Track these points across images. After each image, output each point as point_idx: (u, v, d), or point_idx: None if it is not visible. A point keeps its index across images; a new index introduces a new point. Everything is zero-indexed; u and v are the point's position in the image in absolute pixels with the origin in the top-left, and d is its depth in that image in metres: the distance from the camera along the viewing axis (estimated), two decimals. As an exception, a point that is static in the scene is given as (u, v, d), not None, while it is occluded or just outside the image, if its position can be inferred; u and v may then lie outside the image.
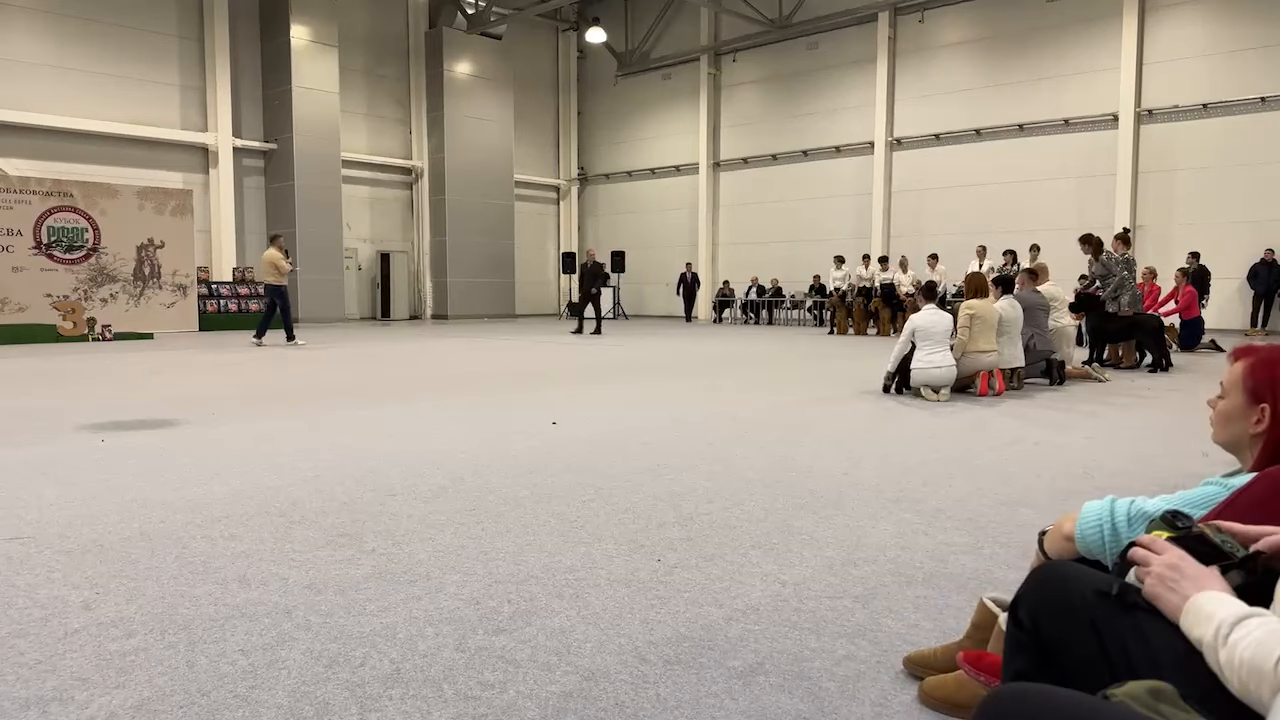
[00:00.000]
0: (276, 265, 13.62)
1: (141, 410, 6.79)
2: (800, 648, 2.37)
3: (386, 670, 2.22)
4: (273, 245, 13.98)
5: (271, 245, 14.02)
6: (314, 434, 5.72)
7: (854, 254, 20.16)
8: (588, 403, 7.30)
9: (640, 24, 27.12)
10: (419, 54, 25.16)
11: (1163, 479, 4.45)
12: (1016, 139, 20.24)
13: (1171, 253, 17.41)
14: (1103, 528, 1.60)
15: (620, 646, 2.38)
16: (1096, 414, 6.91)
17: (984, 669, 1.97)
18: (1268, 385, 1.66)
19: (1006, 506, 3.91)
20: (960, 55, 21.07)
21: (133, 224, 17.67)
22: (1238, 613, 1.13)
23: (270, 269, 13.66)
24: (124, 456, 4.97)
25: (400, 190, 25.61)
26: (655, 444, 5.38)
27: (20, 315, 16.06)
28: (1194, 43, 17.96)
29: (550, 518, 3.67)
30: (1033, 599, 1.45)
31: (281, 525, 3.54)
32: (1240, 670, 1.08)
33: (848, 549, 3.26)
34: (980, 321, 7.90)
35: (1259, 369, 1.68)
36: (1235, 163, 17.53)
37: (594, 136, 29.31)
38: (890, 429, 6.07)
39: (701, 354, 12.71)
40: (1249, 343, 1.77)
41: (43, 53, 18.98)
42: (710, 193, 26.11)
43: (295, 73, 21.56)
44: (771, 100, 24.72)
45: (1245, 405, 1.69)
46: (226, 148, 21.32)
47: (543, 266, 29.20)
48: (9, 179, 16.75)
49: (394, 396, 7.66)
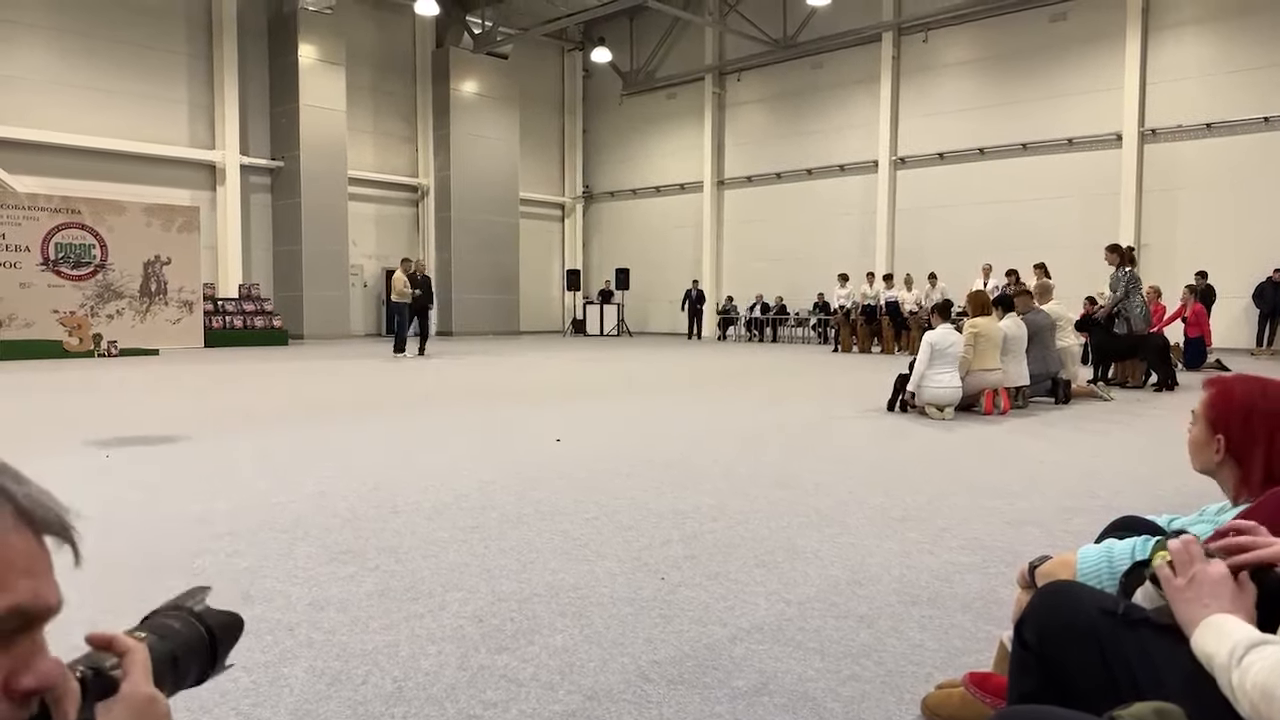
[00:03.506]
0: (397, 286, 15.65)
1: (146, 426, 6.80)
2: (805, 668, 2.36)
3: (389, 689, 2.21)
4: (401, 267, 15.90)
5: (401, 267, 15.92)
6: (318, 450, 5.72)
7: (858, 272, 20.18)
8: (591, 420, 7.30)
9: (645, 44, 27.30)
10: (426, 73, 25.34)
11: (1167, 499, 4.43)
12: (1020, 158, 20.29)
13: (1176, 271, 17.38)
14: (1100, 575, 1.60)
15: (623, 666, 2.37)
16: (1102, 433, 6.89)
17: (990, 690, 1.96)
18: (1222, 415, 1.71)
19: (1012, 526, 3.90)
20: (964, 75, 21.16)
21: (140, 240, 17.75)
22: (1255, 637, 1.13)
23: (396, 288, 15.66)
24: (128, 472, 4.98)
25: (406, 207, 25.72)
26: (659, 461, 5.37)
27: (27, 331, 16.10)
28: (1197, 63, 18.02)
29: (553, 535, 3.67)
30: (1039, 619, 1.44)
31: (285, 542, 3.54)
32: (1253, 693, 1.08)
33: (852, 568, 3.25)
34: (985, 340, 7.90)
35: (1217, 399, 1.74)
36: (1239, 182, 17.54)
37: (599, 154, 29.45)
38: (895, 447, 6.05)
39: (706, 371, 12.70)
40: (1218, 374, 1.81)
41: (51, 70, 19.14)
42: (714, 211, 26.18)
43: (303, 91, 21.71)
44: (776, 119, 24.83)
45: (1207, 435, 1.75)
46: (234, 165, 21.45)
47: (547, 284, 29.27)
48: (17, 195, 16.86)
49: (395, 412, 7.66)
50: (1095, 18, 19.10)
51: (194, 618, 0.87)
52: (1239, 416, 1.69)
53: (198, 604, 0.89)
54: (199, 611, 0.88)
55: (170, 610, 0.87)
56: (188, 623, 0.86)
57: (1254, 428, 1.67)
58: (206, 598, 0.91)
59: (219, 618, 0.89)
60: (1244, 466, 1.69)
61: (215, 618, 0.89)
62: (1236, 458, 1.70)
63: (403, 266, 15.90)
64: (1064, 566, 1.68)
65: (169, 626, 0.84)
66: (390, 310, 16.09)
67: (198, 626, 0.87)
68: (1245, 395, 1.70)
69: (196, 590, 0.92)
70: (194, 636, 0.86)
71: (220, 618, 0.89)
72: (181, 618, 0.86)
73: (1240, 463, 1.70)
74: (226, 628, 0.89)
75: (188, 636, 0.85)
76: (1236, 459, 1.70)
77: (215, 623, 0.88)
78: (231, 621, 0.91)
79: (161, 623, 0.85)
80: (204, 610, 0.89)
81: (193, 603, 0.89)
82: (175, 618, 0.86)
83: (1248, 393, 1.70)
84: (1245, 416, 1.68)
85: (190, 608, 0.88)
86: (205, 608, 0.89)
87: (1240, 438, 1.69)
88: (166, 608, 0.88)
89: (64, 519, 0.66)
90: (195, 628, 0.86)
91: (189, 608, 0.88)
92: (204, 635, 0.87)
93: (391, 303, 15.89)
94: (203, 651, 0.86)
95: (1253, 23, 17.31)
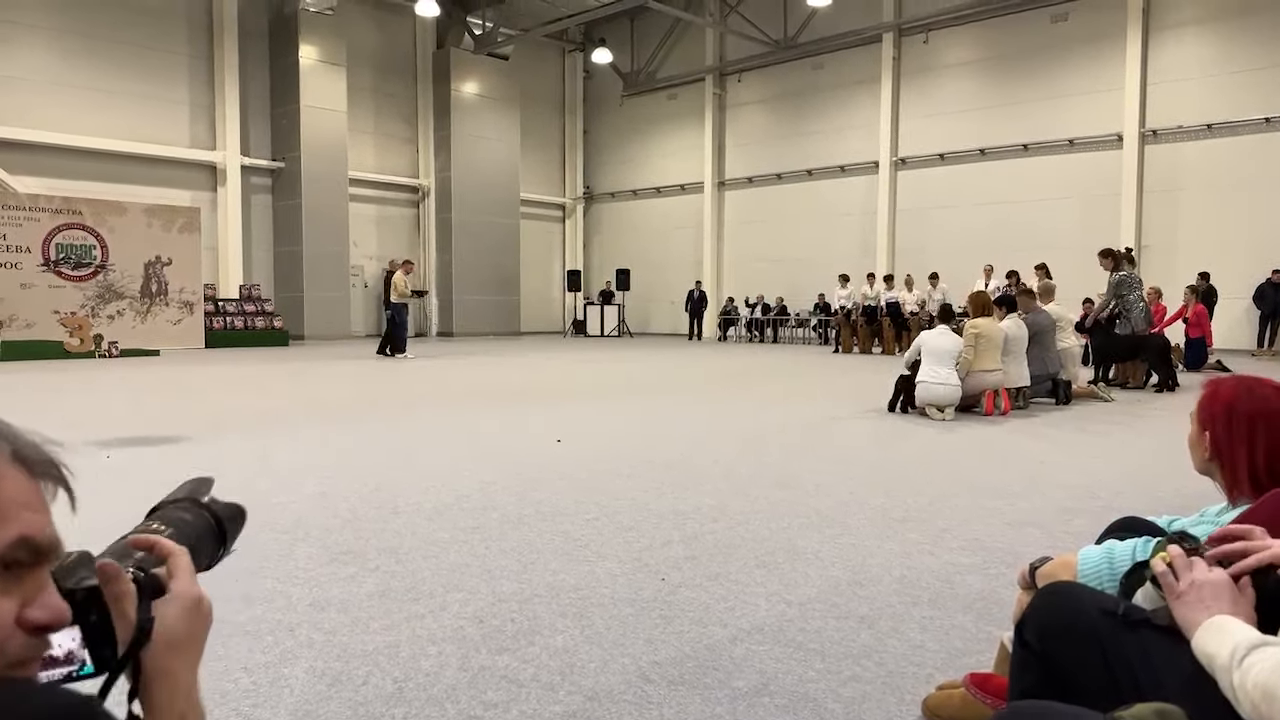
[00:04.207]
0: (399, 286, 15.62)
1: (147, 426, 6.80)
2: (805, 669, 2.36)
3: (389, 689, 2.21)
4: (402, 269, 15.88)
5: (401, 269, 15.88)
6: (319, 450, 5.73)
7: (859, 273, 20.17)
8: (592, 420, 7.30)
9: (646, 45, 27.31)
10: (427, 74, 25.35)
11: (1168, 500, 4.43)
12: (1021, 159, 20.29)
13: (1176, 272, 17.38)
14: (1100, 577, 1.60)
15: (624, 666, 2.37)
16: (1102, 434, 6.88)
17: (990, 691, 1.96)
18: (1209, 414, 1.74)
19: (1013, 527, 3.89)
20: (964, 75, 21.16)
21: (141, 241, 17.76)
22: (1257, 638, 1.13)
23: (398, 288, 15.60)
24: (130, 472, 4.98)
25: (407, 208, 25.73)
26: (660, 462, 5.37)
27: (27, 332, 16.11)
28: (1198, 63, 18.02)
29: (554, 536, 3.67)
30: (1040, 619, 1.44)
31: (286, 542, 3.54)
32: (1254, 693, 1.08)
33: (853, 569, 3.25)
34: (985, 340, 7.90)
35: (1205, 399, 1.77)
36: (1240, 183, 17.54)
37: (599, 155, 29.45)
38: (895, 448, 6.05)
39: (706, 372, 12.70)
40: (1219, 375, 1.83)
41: (52, 71, 19.15)
42: (715, 211, 26.18)
43: (304, 92, 21.72)
44: (776, 120, 24.83)
45: (1198, 433, 1.77)
46: (235, 166, 21.46)
47: (548, 284, 29.28)
48: (18, 196, 16.87)
49: (396, 413, 7.66)
50: (1096, 18, 19.10)
51: (203, 509, 0.93)
52: (1223, 415, 1.71)
53: (203, 496, 0.95)
54: (205, 503, 0.94)
55: (180, 502, 0.93)
56: (198, 514, 0.92)
57: (1236, 426, 1.69)
58: (210, 489, 0.97)
59: (225, 509, 0.95)
60: (1229, 465, 1.70)
61: (222, 509, 0.95)
62: (1221, 456, 1.72)
63: (404, 267, 15.96)
64: (1065, 567, 1.68)
65: (182, 519, 0.90)
66: (390, 311, 15.99)
67: (207, 517, 0.92)
68: (1230, 394, 1.72)
69: (200, 482, 0.98)
70: (204, 526, 0.91)
71: (226, 509, 0.95)
72: (192, 509, 0.92)
73: (1225, 462, 1.71)
74: (233, 518, 0.96)
75: (200, 527, 0.90)
76: (1221, 457, 1.72)
77: (223, 513, 0.95)
78: (236, 512, 0.97)
79: (175, 515, 0.90)
80: (210, 501, 0.95)
81: (199, 495, 0.95)
82: (186, 509, 0.92)
83: (1234, 392, 1.72)
84: (1228, 415, 1.70)
85: (197, 499, 0.94)
86: (211, 498, 0.95)
87: (1224, 436, 1.71)
88: (174, 500, 0.93)
89: (57, 462, 0.69)
90: (205, 518, 0.92)
91: (196, 499, 0.94)
92: (213, 524, 0.92)
93: (393, 303, 15.85)
94: (212, 540, 0.92)
95: (1253, 23, 17.31)
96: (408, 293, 15.80)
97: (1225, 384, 1.75)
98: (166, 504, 0.92)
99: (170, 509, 0.91)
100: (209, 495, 0.95)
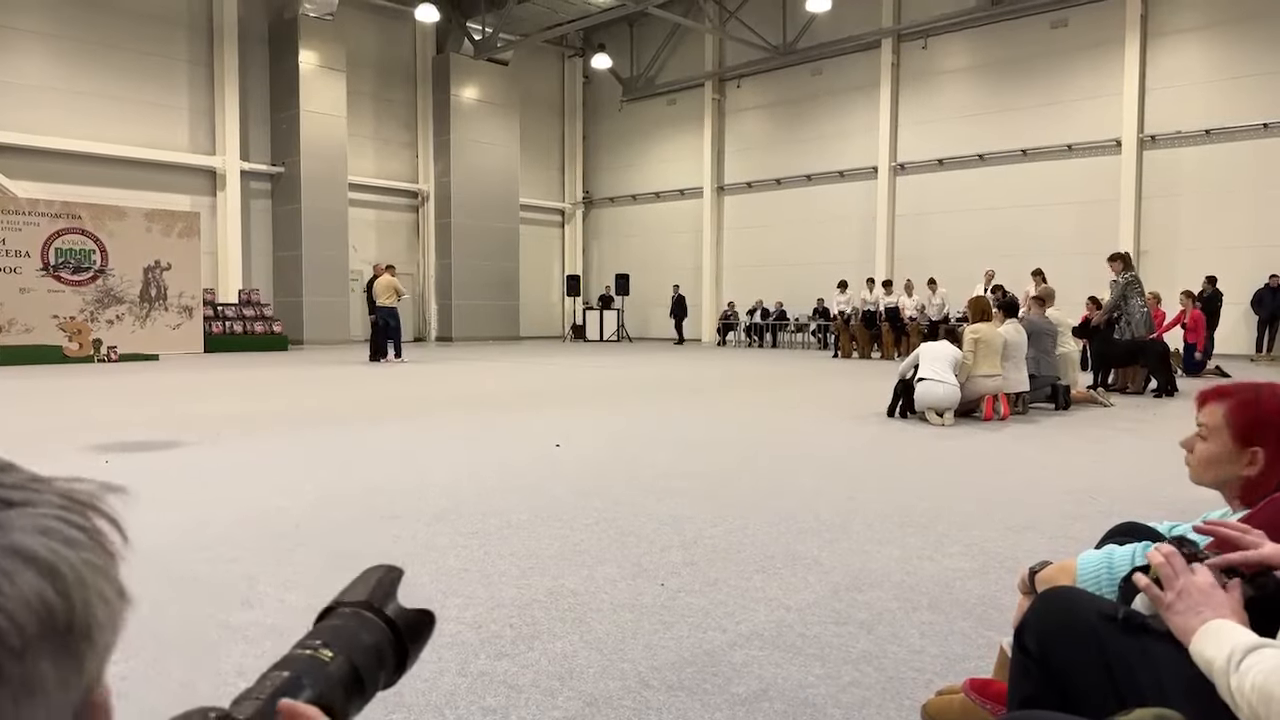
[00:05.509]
0: (395, 289, 15.55)
1: (146, 431, 6.79)
2: (805, 674, 2.35)
3: (388, 695, 2.20)
4: (388, 272, 15.81)
5: (387, 272, 15.81)
6: (318, 455, 5.72)
7: (857, 278, 20.18)
8: (591, 425, 7.29)
9: (645, 50, 27.36)
10: (426, 79, 25.38)
11: (1167, 504, 4.43)
12: (1020, 164, 20.32)
13: (1175, 277, 17.39)
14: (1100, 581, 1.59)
15: (623, 672, 2.36)
16: (1101, 439, 6.88)
17: (990, 697, 1.96)
18: (1256, 427, 1.65)
19: (1012, 531, 3.89)
20: (963, 81, 21.20)
21: (140, 246, 17.76)
22: (1253, 641, 1.13)
23: (389, 292, 15.49)
24: (128, 477, 4.96)
25: (406, 213, 25.74)
26: (659, 466, 5.36)
27: (27, 336, 16.10)
28: (1196, 69, 18.06)
29: (553, 541, 3.66)
30: (1039, 624, 1.44)
31: (284, 547, 3.53)
32: (1251, 696, 1.08)
33: (852, 574, 3.25)
34: (985, 345, 7.90)
35: (1243, 411, 1.68)
36: (1238, 188, 17.56)
37: (599, 160, 29.49)
38: (894, 453, 6.05)
39: (705, 377, 12.70)
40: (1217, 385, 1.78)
41: (52, 76, 19.17)
42: (714, 216, 26.20)
43: (303, 97, 21.74)
44: (775, 125, 24.87)
45: (1234, 449, 1.68)
46: (234, 171, 21.48)
47: (547, 289, 29.30)
48: (18, 201, 16.88)
49: (395, 417, 7.66)
50: (1095, 24, 19.14)
51: (384, 622, 0.72)
52: (1276, 427, 1.64)
53: (388, 601, 0.74)
54: (390, 615, 0.73)
55: (360, 609, 0.73)
56: (376, 629, 0.72)
57: None
58: (398, 588, 0.76)
59: (410, 619, 0.74)
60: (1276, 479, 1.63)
61: (407, 619, 0.74)
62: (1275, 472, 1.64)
63: (389, 270, 15.90)
64: (1064, 572, 1.67)
65: (358, 640, 0.70)
66: (380, 316, 15.70)
67: (387, 632, 0.72)
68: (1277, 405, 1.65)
69: (385, 576, 0.76)
70: (384, 646, 0.71)
71: (412, 620, 0.74)
72: (369, 624, 0.72)
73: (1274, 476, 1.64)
74: (417, 630, 0.74)
75: (378, 650, 0.71)
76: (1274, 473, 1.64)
77: (406, 624, 0.73)
78: (424, 623, 0.75)
79: (351, 637, 0.70)
80: (396, 611, 0.73)
81: (382, 600, 0.74)
82: (363, 625, 0.72)
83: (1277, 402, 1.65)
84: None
85: (380, 606, 0.73)
86: (398, 606, 0.74)
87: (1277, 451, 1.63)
88: (354, 602, 0.73)
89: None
90: (384, 633, 0.72)
91: (378, 608, 0.73)
92: (391, 639, 0.72)
93: (381, 308, 15.59)
94: (389, 664, 0.72)
95: (1251, 29, 17.35)
96: (405, 293, 15.74)
97: (1260, 396, 1.67)
98: (344, 606, 0.73)
99: (346, 619, 0.72)
100: (395, 598, 0.74)
